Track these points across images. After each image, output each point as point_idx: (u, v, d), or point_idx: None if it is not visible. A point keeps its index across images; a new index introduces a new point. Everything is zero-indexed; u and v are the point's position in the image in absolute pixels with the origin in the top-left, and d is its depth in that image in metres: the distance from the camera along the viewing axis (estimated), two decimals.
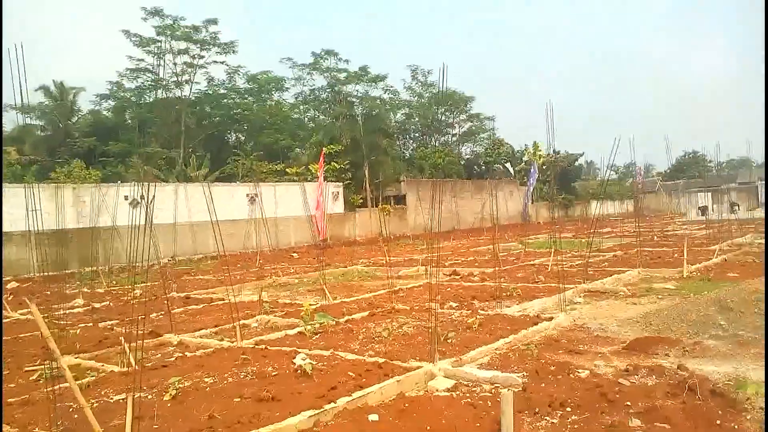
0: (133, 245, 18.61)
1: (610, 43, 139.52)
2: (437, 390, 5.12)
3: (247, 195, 27.52)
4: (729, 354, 5.76)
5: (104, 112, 40.93)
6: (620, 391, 4.70)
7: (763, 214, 32.39)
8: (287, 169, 33.39)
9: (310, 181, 31.98)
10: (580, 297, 9.78)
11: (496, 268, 14.16)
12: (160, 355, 7.04)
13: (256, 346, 6.81)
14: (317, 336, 7.38)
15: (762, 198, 43.00)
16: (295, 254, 23.35)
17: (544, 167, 48.29)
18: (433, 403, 4.56)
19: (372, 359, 5.85)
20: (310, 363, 5.53)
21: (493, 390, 5.05)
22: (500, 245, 23.04)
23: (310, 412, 4.34)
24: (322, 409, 4.40)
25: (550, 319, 7.64)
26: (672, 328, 6.71)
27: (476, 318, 7.53)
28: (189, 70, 38.70)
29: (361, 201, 34.18)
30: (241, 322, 8.72)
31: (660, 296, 9.52)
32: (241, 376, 5.51)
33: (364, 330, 7.58)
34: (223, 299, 11.44)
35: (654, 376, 5.13)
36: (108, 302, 12.05)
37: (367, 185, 34.98)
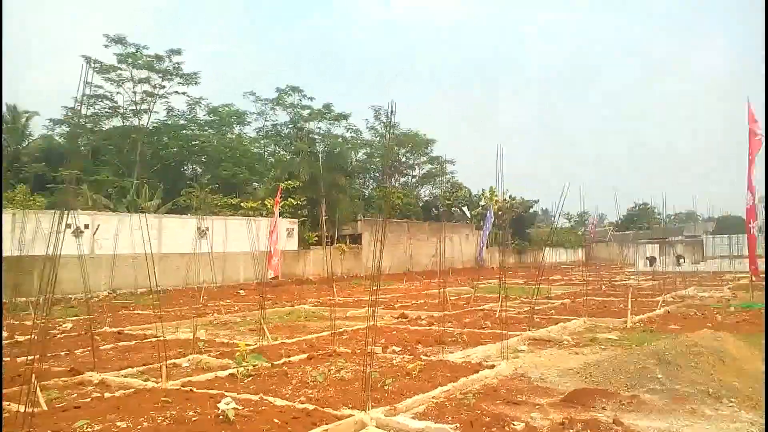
0: (72, 276, 17.88)
1: (570, 87, 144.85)
2: None
3: (198, 228, 26.87)
4: (665, 409, 5.69)
5: (57, 138, 39.79)
6: None
7: (706, 268, 33.45)
8: (242, 203, 32.92)
9: (265, 216, 31.54)
10: (524, 345, 9.68)
11: (444, 313, 14.11)
12: (76, 394, 6.56)
13: (182, 388, 6.42)
14: (249, 379, 7.03)
15: (707, 252, 44.50)
16: (242, 291, 22.76)
17: (499, 212, 49.07)
18: None
19: (302, 406, 5.56)
20: (235, 408, 5.20)
21: None
22: (453, 289, 23.09)
23: None
24: None
25: (492, 367, 7.49)
26: (611, 381, 6.63)
27: (417, 364, 7.32)
28: (149, 99, 38.17)
29: (316, 239, 33.83)
30: (172, 361, 8.33)
31: (602, 346, 9.51)
32: (158, 421, 5.13)
33: (299, 373, 7.26)
34: (157, 336, 10.92)
35: (588, 431, 5.00)
36: (33, 335, 11.30)
37: (323, 223, 34.71)
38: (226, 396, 5.69)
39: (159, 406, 5.57)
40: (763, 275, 18.27)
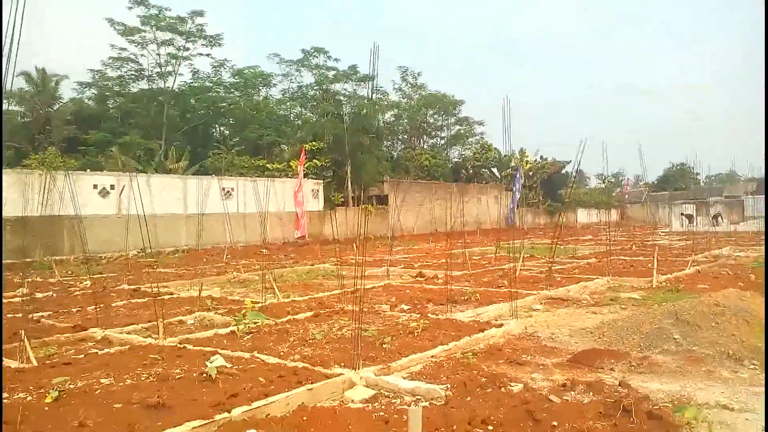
0: (101, 235, 18.12)
1: (608, 52, 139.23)
2: (352, 401, 4.63)
3: (223, 189, 26.91)
4: (678, 371, 5.32)
5: (86, 101, 40.16)
6: (549, 409, 4.23)
7: (746, 228, 32.23)
8: (268, 165, 32.85)
9: (291, 177, 31.45)
10: (540, 304, 9.34)
11: (463, 272, 13.82)
12: (73, 350, 6.51)
13: (178, 345, 6.31)
14: (249, 336, 6.88)
15: (747, 212, 42.93)
16: (264, 250, 22.78)
17: (530, 173, 48.05)
18: (338, 417, 4.07)
19: (293, 364, 5.37)
20: (223, 366, 5.04)
21: (414, 402, 4.58)
22: (478, 249, 22.73)
23: (195, 423, 3.84)
24: (210, 420, 3.90)
25: (500, 326, 7.18)
26: (624, 341, 6.27)
27: (419, 323, 7.06)
28: (173, 61, 38.07)
29: (342, 200, 33.66)
30: (179, 318, 8.26)
31: (623, 306, 9.10)
32: (142, 378, 5.00)
33: (301, 331, 7.09)
34: (173, 293, 10.93)
35: (591, 393, 4.68)
36: (51, 293, 11.44)
37: (349, 184, 34.48)
38: (217, 354, 5.53)
39: (147, 363, 5.45)
40: None
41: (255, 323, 7.25)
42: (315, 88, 42.93)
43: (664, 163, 70.30)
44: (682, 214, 33.35)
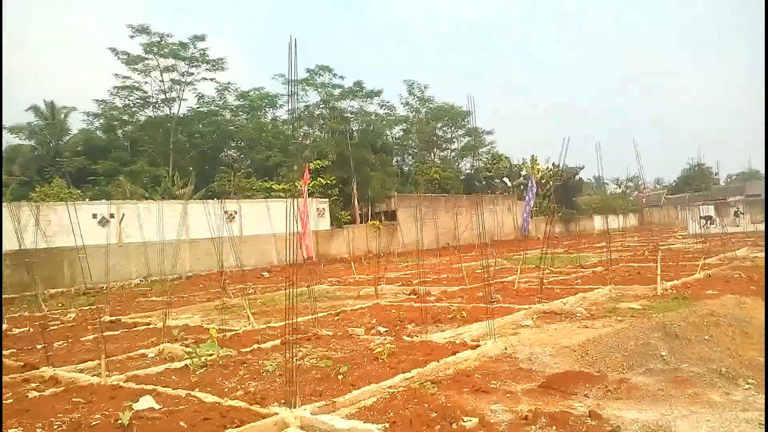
0: (101, 265, 17.62)
1: (617, 54, 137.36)
2: None
3: (226, 212, 26.63)
4: (660, 395, 4.69)
5: (95, 131, 40.45)
6: None
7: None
8: (274, 186, 32.61)
9: (297, 197, 31.13)
10: (530, 319, 8.70)
11: (461, 287, 13.21)
12: (10, 393, 6.05)
13: (121, 384, 5.83)
14: (202, 370, 6.38)
15: None
16: (266, 273, 22.40)
17: (543, 181, 47.17)
18: None
19: (230, 403, 4.85)
20: (151, 408, 4.54)
21: None
22: (486, 261, 22.03)
23: None
24: None
25: (476, 347, 6.58)
26: (607, 360, 5.64)
27: (385, 347, 6.48)
28: (177, 87, 38.19)
29: (349, 217, 33.21)
30: (141, 351, 7.81)
31: (620, 318, 8.42)
32: (54, 426, 4.51)
33: (258, 362, 6.57)
34: (149, 324, 10.50)
35: (554, 428, 4.07)
36: (28, 328, 11.08)
37: (356, 201, 34.05)
38: (148, 395, 5.03)
39: (70, 408, 4.97)
40: None
41: (210, 355, 6.74)
42: (321, 106, 42.78)
43: (682, 164, 68.66)
44: (700, 216, 32.26)
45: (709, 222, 31.85)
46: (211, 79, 39.42)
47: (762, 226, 31.67)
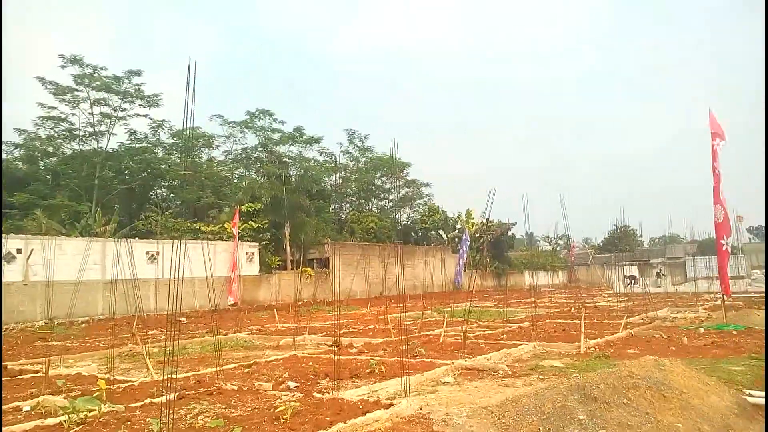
0: (5, 305, 15.98)
1: (549, 111, 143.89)
2: None
3: (147, 253, 25.37)
4: None
5: (14, 162, 38.24)
6: None
7: (687, 288, 32.28)
8: (201, 227, 31.47)
9: (226, 240, 30.12)
10: (450, 375, 8.30)
11: (385, 339, 12.75)
12: None
13: None
14: (79, 428, 5.60)
15: (689, 273, 43.42)
16: (183, 319, 21.21)
17: (476, 235, 47.86)
18: None
19: None
20: None
21: None
22: (413, 313, 21.67)
23: None
24: None
25: (388, 406, 6.10)
26: (523, 423, 5.28)
27: (288, 406, 5.90)
28: (107, 120, 36.81)
29: (280, 263, 32.33)
30: (16, 404, 6.89)
31: (542, 376, 8.16)
32: None
33: (145, 422, 5.84)
34: (37, 372, 9.44)
35: None
36: None
37: (288, 247, 33.27)
38: None
39: None
40: (739, 294, 16.97)
41: (91, 411, 5.96)
42: (259, 149, 42.26)
43: (608, 226, 71.60)
44: (624, 276, 33.29)
45: (633, 282, 32.89)
46: (145, 116, 38.29)
47: (681, 287, 32.95)
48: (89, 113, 35.86)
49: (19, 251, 21.19)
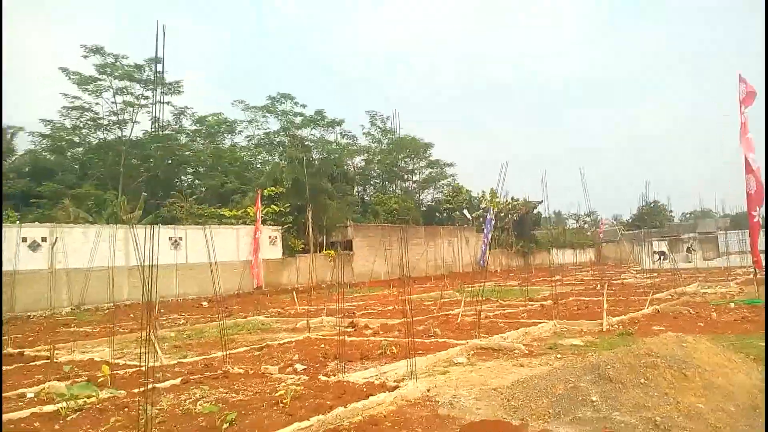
0: (30, 292, 16.29)
1: (574, 88, 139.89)
2: None
3: (170, 239, 25.53)
4: None
5: (43, 153, 38.85)
6: None
7: (719, 263, 31.36)
8: (225, 212, 31.58)
9: (249, 224, 30.18)
10: (464, 356, 8.04)
11: (403, 319, 12.50)
12: None
13: None
14: (75, 415, 5.50)
15: (721, 248, 42.23)
16: (205, 303, 21.31)
17: (501, 214, 47.20)
18: None
19: None
20: None
21: None
22: (436, 294, 21.41)
23: None
24: None
25: (395, 389, 5.87)
26: (532, 405, 5.00)
27: (289, 390, 5.70)
28: (130, 109, 37.09)
29: (303, 246, 32.31)
30: (22, 390, 6.85)
31: (560, 355, 7.85)
32: None
33: (146, 406, 5.71)
34: (49, 359, 9.46)
35: None
36: None
37: (310, 230, 33.21)
38: None
39: None
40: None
41: (90, 397, 5.85)
42: (281, 134, 42.22)
43: (639, 201, 69.90)
44: (653, 251, 32.45)
45: (662, 257, 32.05)
46: (167, 103, 38.53)
47: (713, 263, 32.01)
48: (112, 102, 36.15)
49: (44, 239, 21.49)
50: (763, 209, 15.39)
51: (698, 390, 5.00)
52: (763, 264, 15.98)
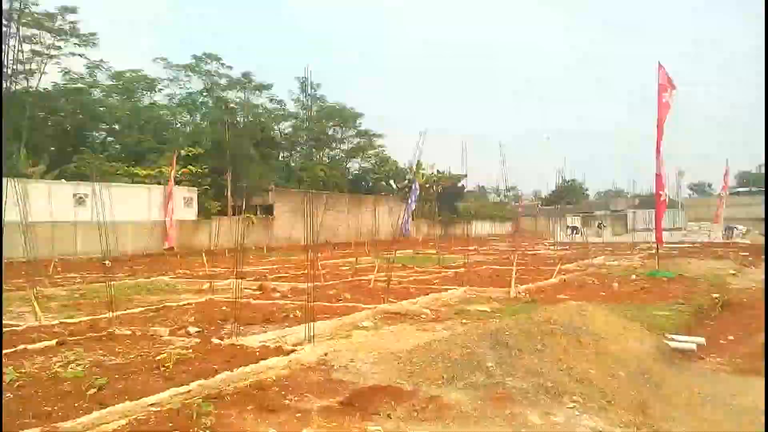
0: None
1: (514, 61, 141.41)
2: None
3: (74, 195, 23.98)
4: (473, 416, 3.92)
5: None
6: None
7: (626, 239, 32.97)
8: (138, 171, 29.98)
9: (163, 184, 28.80)
10: (370, 320, 7.86)
11: (313, 284, 12.21)
12: None
13: None
14: None
15: (629, 225, 44.49)
16: (107, 263, 20.17)
17: (427, 185, 47.58)
18: None
19: None
20: None
21: None
22: (352, 259, 21.28)
23: None
24: None
25: (289, 352, 5.58)
26: (428, 370, 4.85)
27: (171, 354, 5.31)
28: (38, 59, 34.18)
29: (220, 208, 31.27)
30: None
31: (465, 320, 7.81)
32: None
33: (6, 371, 5.14)
34: None
35: None
36: None
37: (229, 192, 32.17)
38: None
39: None
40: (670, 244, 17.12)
41: None
42: (205, 94, 40.34)
43: (556, 178, 72.60)
44: (567, 226, 33.70)
45: (574, 232, 33.35)
46: (81, 55, 35.72)
47: (622, 237, 33.64)
48: (19, 50, 33.10)
49: None
50: (668, 190, 16.10)
51: (591, 356, 5.00)
52: (663, 240, 16.76)
